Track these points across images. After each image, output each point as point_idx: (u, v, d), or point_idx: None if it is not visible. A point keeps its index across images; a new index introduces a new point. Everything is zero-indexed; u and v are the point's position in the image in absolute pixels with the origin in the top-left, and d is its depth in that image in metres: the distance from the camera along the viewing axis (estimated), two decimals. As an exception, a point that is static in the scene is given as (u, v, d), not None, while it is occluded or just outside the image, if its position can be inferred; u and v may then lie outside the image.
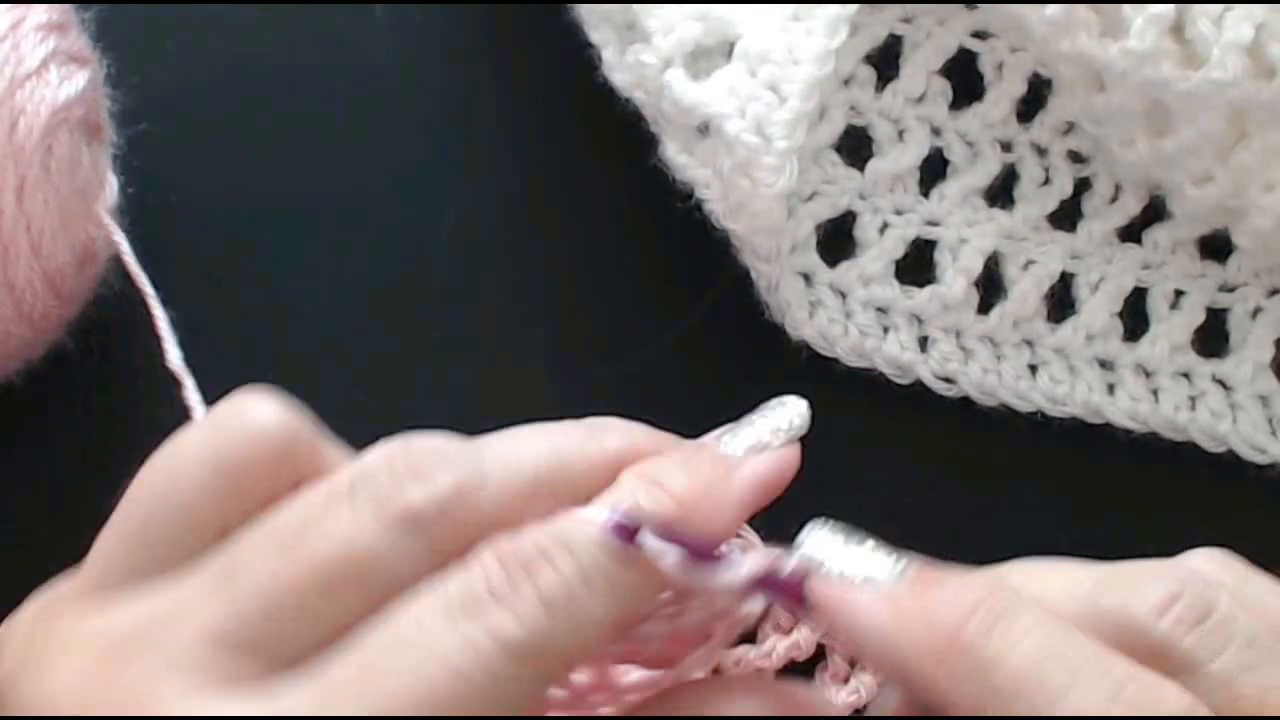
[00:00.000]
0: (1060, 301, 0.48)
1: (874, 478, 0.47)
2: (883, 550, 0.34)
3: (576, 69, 0.48)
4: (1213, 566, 0.34)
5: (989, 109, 0.49)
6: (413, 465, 0.33)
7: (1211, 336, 0.48)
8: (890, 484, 0.47)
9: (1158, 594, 0.32)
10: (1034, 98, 0.49)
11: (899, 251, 0.48)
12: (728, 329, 0.48)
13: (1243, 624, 0.32)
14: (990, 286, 0.48)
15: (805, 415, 0.36)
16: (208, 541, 0.33)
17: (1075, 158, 0.49)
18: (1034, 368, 0.48)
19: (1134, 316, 0.48)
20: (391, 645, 0.31)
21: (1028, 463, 0.47)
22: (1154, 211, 0.49)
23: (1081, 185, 0.49)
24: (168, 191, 0.48)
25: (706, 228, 0.46)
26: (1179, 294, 0.48)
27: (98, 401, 0.47)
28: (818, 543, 0.34)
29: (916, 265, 0.48)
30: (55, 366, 0.45)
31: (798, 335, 0.47)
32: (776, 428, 0.36)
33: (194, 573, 0.32)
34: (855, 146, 0.49)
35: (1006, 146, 0.49)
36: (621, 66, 0.47)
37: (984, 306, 0.48)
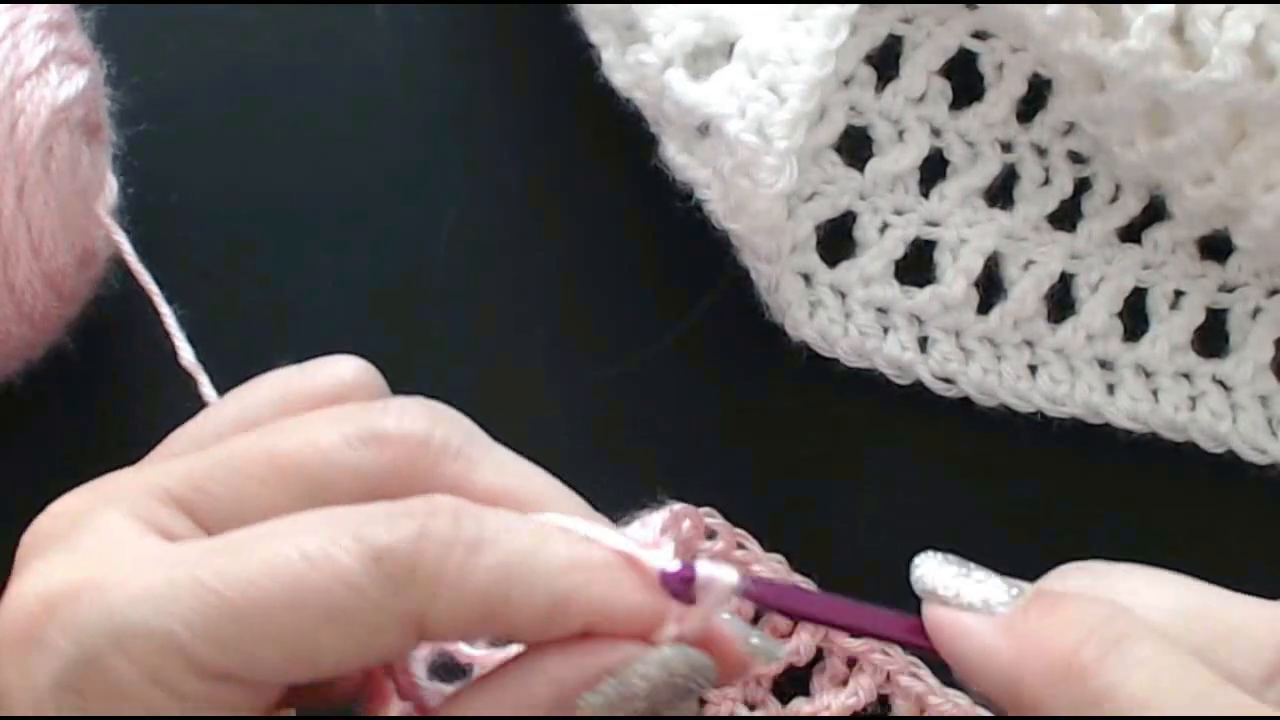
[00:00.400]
0: (1060, 302, 0.48)
1: (874, 478, 0.47)
2: (995, 577, 0.33)
3: (576, 69, 0.48)
4: None
5: (989, 109, 0.49)
6: (407, 406, 0.34)
7: (1211, 336, 0.48)
8: (890, 484, 0.47)
9: (1263, 659, 0.31)
10: (1034, 98, 0.49)
11: (899, 251, 0.48)
12: (728, 329, 0.48)
13: None
14: (990, 286, 0.48)
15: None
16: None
17: (1075, 158, 0.49)
18: (1034, 368, 0.48)
19: (1134, 317, 0.48)
20: (277, 527, 0.32)
21: (1028, 463, 0.47)
22: (1154, 211, 0.49)
23: (1081, 185, 0.49)
24: (168, 191, 0.48)
25: (706, 228, 0.46)
26: (1179, 294, 0.48)
27: (98, 401, 0.47)
28: (930, 571, 0.34)
29: (916, 265, 0.48)
30: (55, 366, 0.45)
31: (798, 335, 0.47)
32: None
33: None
34: (855, 146, 0.49)
35: (1006, 147, 0.49)
36: (621, 66, 0.47)
37: (984, 307, 0.48)
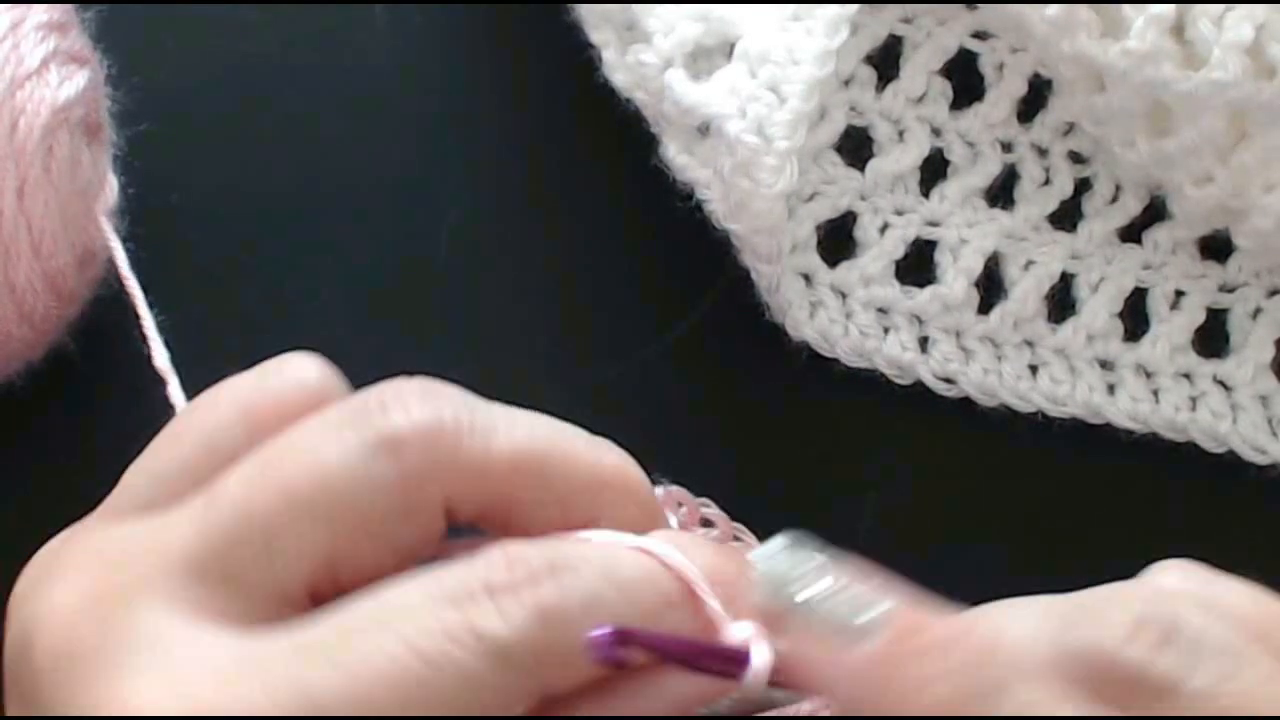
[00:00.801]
0: (1061, 302, 0.48)
1: (874, 478, 0.47)
2: (850, 586, 0.32)
3: (576, 69, 0.48)
4: (1174, 579, 0.33)
5: (989, 109, 0.49)
6: (403, 396, 0.32)
7: (1212, 337, 0.48)
8: (890, 484, 0.47)
9: (1123, 620, 0.31)
10: (1034, 98, 0.49)
11: (899, 252, 0.48)
12: (728, 329, 0.48)
13: (1214, 633, 0.30)
14: (991, 287, 0.48)
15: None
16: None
17: (1075, 158, 0.49)
18: (1034, 368, 0.48)
19: (1134, 317, 0.48)
20: (371, 616, 0.30)
21: (1028, 463, 0.47)
22: (1154, 212, 0.49)
23: (1082, 186, 0.49)
24: (168, 191, 0.48)
25: (706, 228, 0.46)
26: (1179, 294, 0.48)
27: (98, 402, 0.47)
28: (774, 565, 0.32)
29: (917, 265, 0.48)
30: (55, 367, 0.45)
31: (798, 335, 0.47)
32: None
33: (190, 501, 0.32)
34: (855, 147, 0.49)
35: (1007, 147, 0.49)
36: (622, 67, 0.47)
37: (984, 307, 0.48)
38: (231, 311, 0.47)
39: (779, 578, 0.32)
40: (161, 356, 0.41)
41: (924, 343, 0.48)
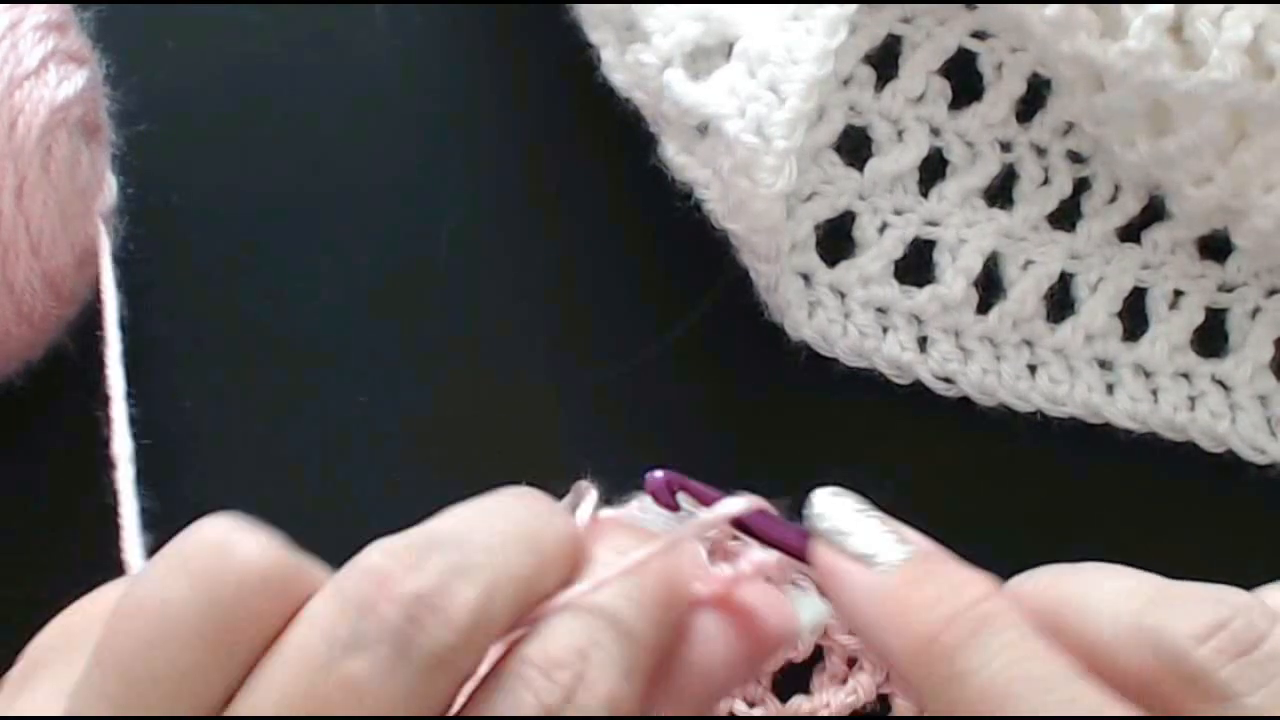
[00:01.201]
0: (1060, 302, 0.48)
1: (874, 478, 0.47)
2: (892, 534, 0.34)
3: (576, 69, 0.48)
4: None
5: (988, 109, 0.49)
6: (422, 594, 0.29)
7: (1211, 337, 0.48)
8: (890, 484, 0.47)
9: (1203, 619, 0.31)
10: (1034, 98, 0.49)
11: (898, 252, 0.48)
12: (728, 329, 0.48)
13: None
14: (990, 286, 0.48)
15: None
16: (214, 706, 0.29)
17: (1075, 158, 0.49)
18: (1033, 368, 0.48)
19: (1133, 317, 0.48)
20: None
21: (1028, 463, 0.47)
22: (1154, 212, 0.49)
23: (1081, 185, 0.49)
24: (168, 191, 0.48)
25: (706, 228, 0.46)
26: (1178, 294, 0.48)
27: (98, 402, 0.47)
28: (827, 504, 0.34)
29: (916, 265, 0.48)
30: (55, 366, 0.45)
31: (797, 335, 0.47)
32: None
33: None
34: (855, 146, 0.49)
35: (1006, 147, 0.49)
36: (621, 66, 0.47)
37: (983, 307, 0.48)
38: (231, 311, 0.47)
39: (833, 511, 0.34)
40: (117, 375, 0.40)
41: (923, 342, 0.48)
